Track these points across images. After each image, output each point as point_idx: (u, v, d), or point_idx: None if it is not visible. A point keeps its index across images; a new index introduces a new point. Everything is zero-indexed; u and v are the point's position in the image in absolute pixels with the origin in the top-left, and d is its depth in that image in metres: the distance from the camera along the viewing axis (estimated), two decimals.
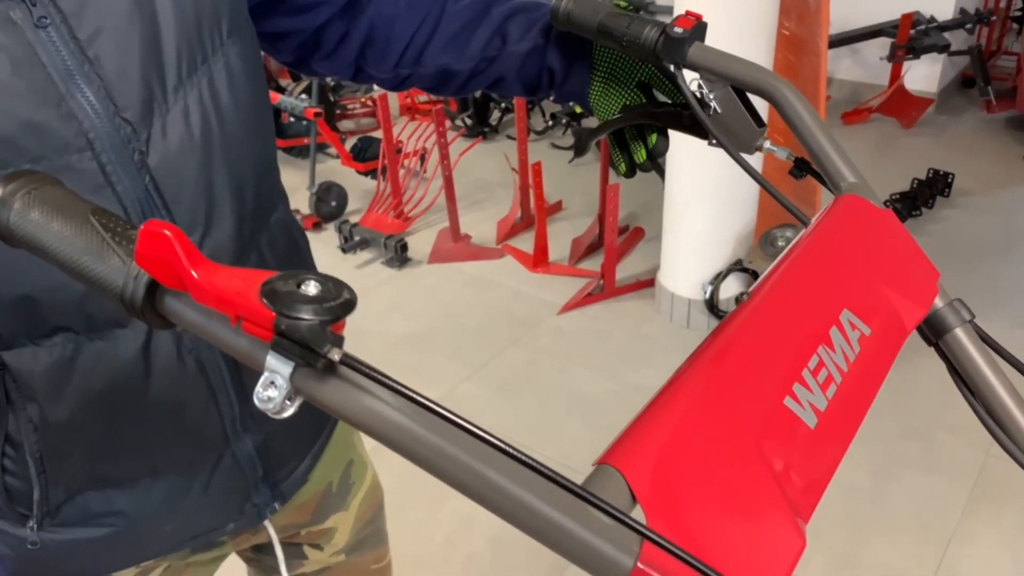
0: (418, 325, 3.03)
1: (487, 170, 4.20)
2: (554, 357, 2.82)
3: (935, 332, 0.68)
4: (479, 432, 0.37)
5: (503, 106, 4.62)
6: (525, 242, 3.47)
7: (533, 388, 2.66)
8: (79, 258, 0.42)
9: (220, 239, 0.74)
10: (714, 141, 0.80)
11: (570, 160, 4.26)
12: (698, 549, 0.39)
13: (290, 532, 0.99)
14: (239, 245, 0.77)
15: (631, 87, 0.86)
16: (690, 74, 0.79)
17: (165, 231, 0.36)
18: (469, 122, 4.57)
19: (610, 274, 3.09)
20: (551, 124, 4.57)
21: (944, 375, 0.68)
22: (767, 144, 0.80)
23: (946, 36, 4.38)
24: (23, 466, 0.75)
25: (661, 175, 2.91)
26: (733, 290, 2.82)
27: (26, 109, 0.62)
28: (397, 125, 3.84)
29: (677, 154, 2.72)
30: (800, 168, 0.78)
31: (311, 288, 0.37)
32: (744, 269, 2.79)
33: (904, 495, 2.20)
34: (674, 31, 0.76)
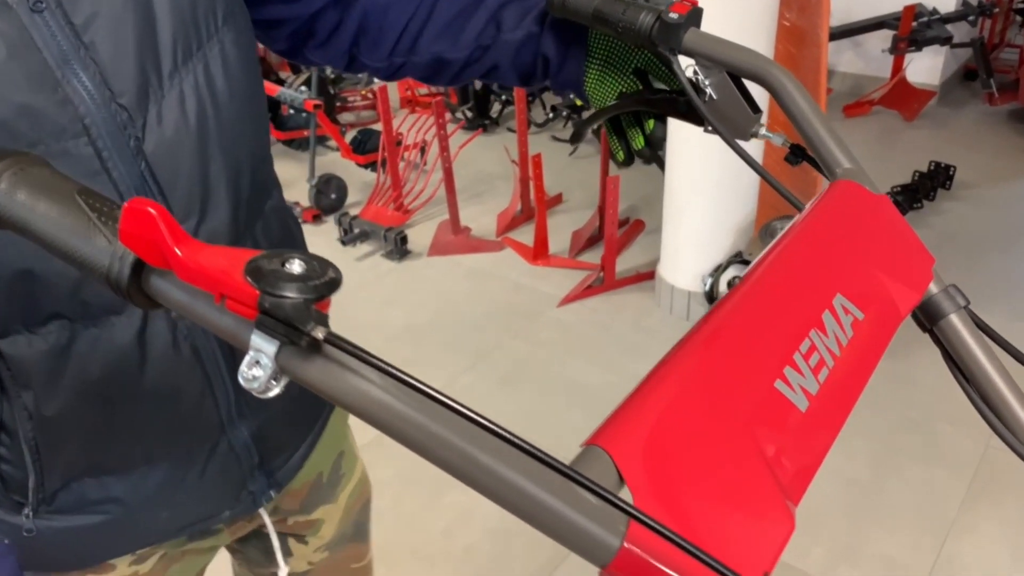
0: (418, 317, 3.03)
1: (487, 163, 4.20)
2: (554, 349, 2.82)
3: (930, 318, 0.67)
4: (466, 411, 0.37)
5: (504, 98, 4.61)
6: (525, 235, 3.47)
7: (533, 380, 2.66)
8: (65, 238, 0.42)
9: (215, 226, 0.74)
10: (710, 128, 0.80)
11: (570, 152, 4.26)
12: (686, 530, 0.39)
13: (278, 517, 0.99)
14: (234, 232, 0.77)
15: (627, 74, 0.86)
16: (687, 60, 0.78)
17: (149, 209, 0.36)
18: (470, 114, 4.56)
19: (610, 266, 3.08)
20: (552, 116, 4.56)
21: (944, 366, 0.68)
22: (763, 131, 0.79)
23: (948, 28, 4.37)
24: (18, 453, 0.75)
25: (661, 167, 2.90)
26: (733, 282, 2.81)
27: (22, 93, 0.61)
28: (397, 117, 3.84)
29: (677, 146, 2.72)
30: (796, 154, 0.78)
31: (296, 267, 0.37)
32: (744, 261, 2.78)
33: (903, 487, 2.20)
34: (670, 17, 0.75)
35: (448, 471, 0.38)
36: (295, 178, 4.00)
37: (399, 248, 3.36)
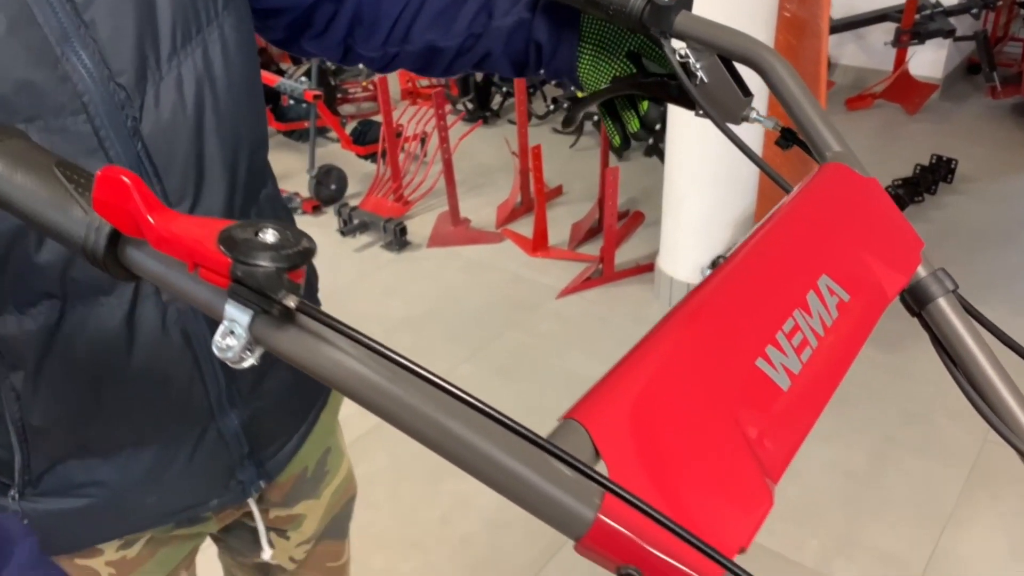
0: (417, 308, 3.03)
1: (488, 155, 4.19)
2: (552, 341, 2.82)
3: (918, 302, 0.67)
4: (440, 382, 0.37)
5: (505, 90, 4.60)
6: (525, 226, 3.47)
7: (531, 371, 2.67)
8: (42, 210, 0.42)
9: (210, 210, 0.75)
10: (701, 112, 0.80)
11: (571, 145, 4.25)
12: (661, 503, 0.39)
13: (262, 507, 0.98)
14: (228, 217, 0.77)
15: (621, 57, 0.86)
16: (679, 44, 0.78)
17: (122, 177, 0.36)
18: (470, 106, 4.56)
19: (609, 258, 3.08)
20: (552, 109, 4.55)
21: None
22: (754, 114, 0.79)
23: (952, 21, 4.35)
24: (4, 434, 0.75)
25: (661, 158, 2.90)
26: None
27: (21, 69, 0.62)
28: (397, 109, 3.83)
29: (677, 138, 2.71)
30: (786, 138, 0.78)
31: (269, 236, 0.36)
32: None
33: (901, 479, 2.20)
34: None
35: (421, 441, 0.38)
36: (295, 169, 4.00)
37: (398, 239, 3.36)
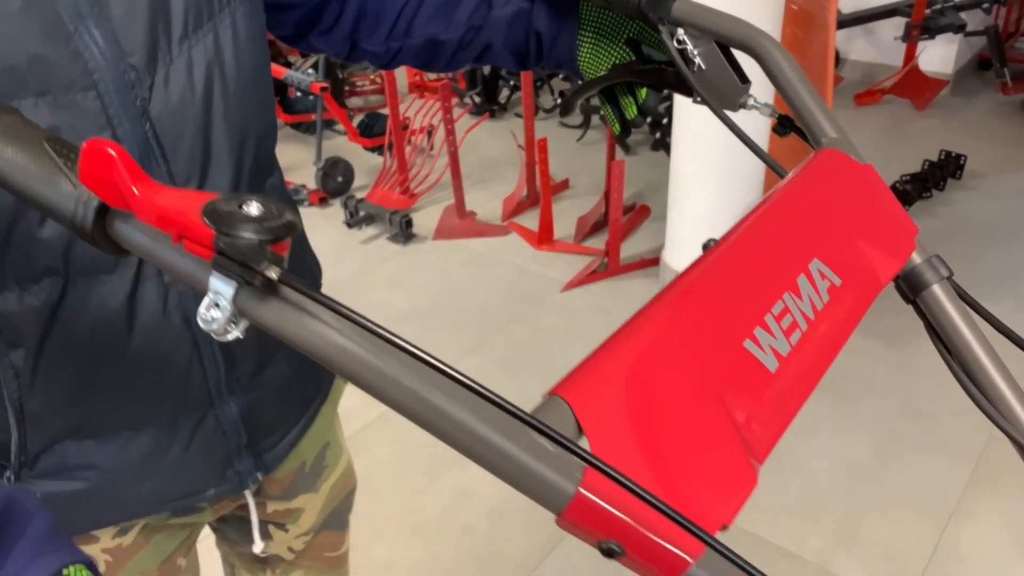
0: (421, 300, 3.04)
1: (495, 148, 4.19)
2: (557, 334, 2.82)
3: (912, 289, 0.67)
4: (423, 355, 0.37)
5: (512, 84, 4.59)
6: (531, 220, 3.47)
7: (535, 364, 2.67)
8: (32, 184, 0.42)
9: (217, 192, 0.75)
10: (698, 98, 0.80)
11: (578, 139, 4.25)
12: (643, 479, 0.39)
13: (259, 501, 0.98)
14: None
15: (620, 45, 0.86)
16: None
17: (108, 149, 0.36)
18: (478, 99, 4.55)
19: (614, 252, 3.08)
20: (560, 102, 4.55)
21: None
22: (751, 101, 0.79)
23: (962, 16, 4.31)
24: (2, 413, 0.76)
25: (668, 152, 2.89)
26: None
27: (35, 43, 0.62)
28: (405, 102, 3.83)
29: (683, 133, 2.71)
30: (783, 125, 0.77)
31: (253, 209, 0.37)
32: None
33: (904, 474, 2.20)
34: None
35: (404, 414, 0.38)
36: (302, 161, 4.01)
37: (404, 231, 3.37)
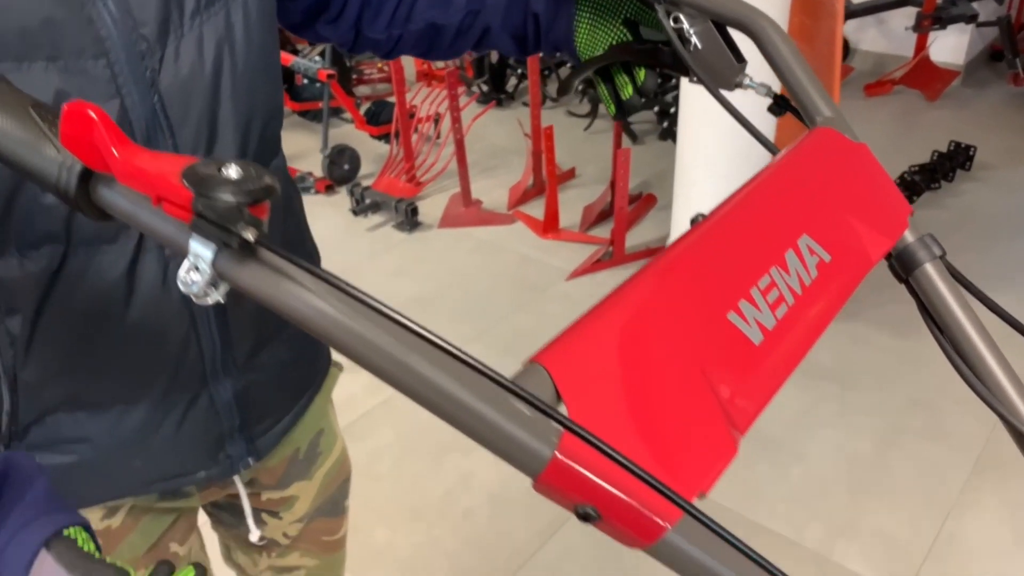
0: (426, 288, 3.04)
1: (502, 137, 4.19)
2: (561, 322, 2.74)
3: (905, 268, 0.67)
4: (401, 319, 0.37)
5: (519, 72, 4.58)
6: (537, 208, 3.46)
7: None
8: (17, 149, 0.42)
9: None
10: (695, 78, 0.79)
11: (585, 128, 4.24)
12: (621, 445, 0.39)
13: (253, 491, 0.99)
14: None
15: (617, 24, 0.86)
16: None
17: (89, 111, 0.37)
18: (485, 88, 4.55)
19: (620, 241, 3.07)
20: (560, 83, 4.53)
21: None
22: (747, 80, 0.79)
23: (974, 6, 4.27)
24: None
25: (675, 140, 2.88)
26: None
27: (48, 6, 0.63)
28: (412, 91, 3.83)
29: (689, 122, 2.69)
30: (779, 104, 0.77)
31: (232, 172, 0.37)
32: None
33: (907, 464, 2.19)
34: None
35: (381, 377, 0.38)
36: (309, 149, 4.01)
37: (409, 219, 3.37)
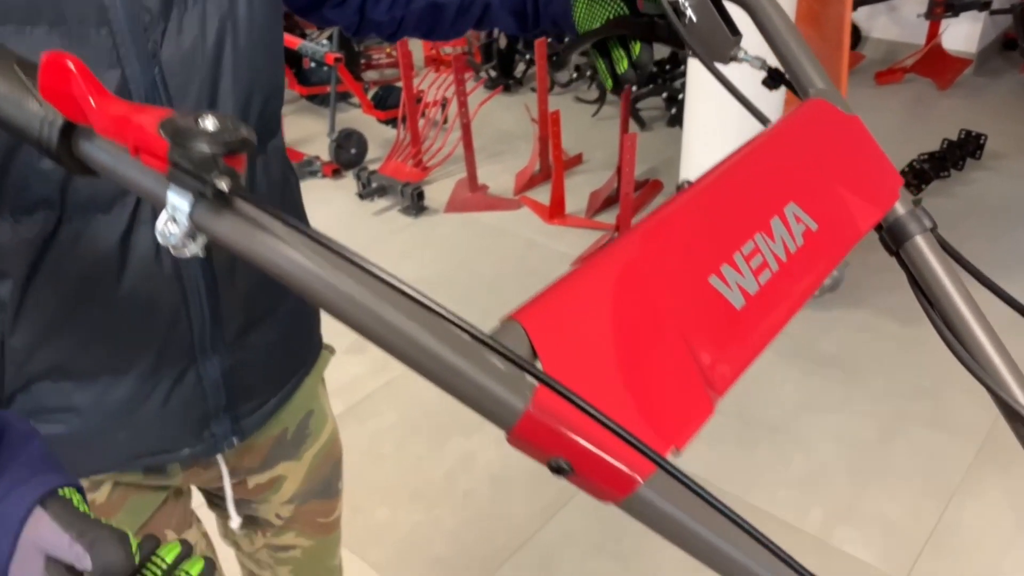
0: (431, 272, 3.05)
1: (509, 122, 4.18)
2: None
3: (895, 240, 0.67)
4: (376, 271, 0.38)
5: (528, 58, 4.57)
6: (543, 194, 3.46)
7: None
8: (1, 106, 0.43)
9: None
10: (690, 51, 0.79)
11: (593, 114, 4.22)
12: (595, 400, 0.39)
13: (240, 477, 0.99)
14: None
15: None
16: None
17: (67, 62, 0.37)
18: (493, 74, 4.54)
19: (625, 226, 3.07)
20: (576, 77, 4.52)
21: None
22: (742, 53, 0.78)
23: None
24: None
25: (682, 126, 2.87)
26: None
27: None
28: (420, 76, 3.83)
29: (695, 109, 2.69)
30: (773, 78, 0.77)
31: (209, 123, 0.37)
32: None
33: (910, 451, 2.19)
34: None
35: (357, 330, 0.39)
36: (316, 133, 4.02)
37: (415, 204, 3.37)
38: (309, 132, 4.06)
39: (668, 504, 0.41)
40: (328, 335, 1.05)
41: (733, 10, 0.78)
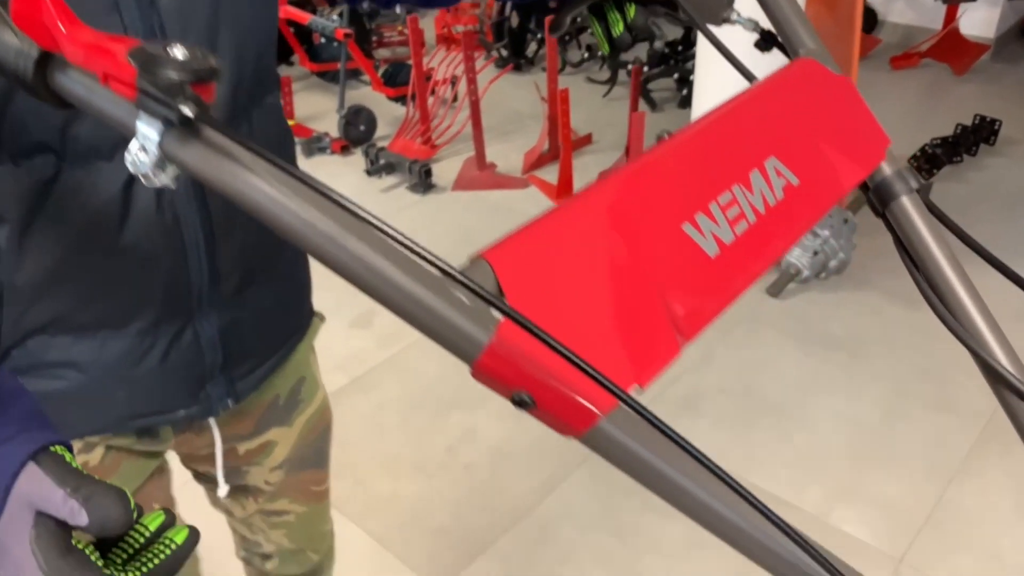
0: (437, 249, 2.88)
1: (519, 101, 4.17)
2: None
3: (881, 200, 0.67)
4: (346, 203, 0.38)
5: (539, 37, 4.55)
6: (551, 173, 3.45)
7: None
8: None
9: (216, 97, 0.76)
10: (684, 14, 0.79)
11: (604, 94, 4.21)
12: (559, 335, 0.39)
13: (230, 444, 1.00)
14: (232, 111, 0.78)
15: None
16: None
17: None
18: (504, 53, 4.52)
19: None
20: (587, 57, 4.50)
21: None
22: (735, 16, 0.78)
23: None
24: None
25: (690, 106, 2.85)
26: None
27: None
28: (430, 54, 3.82)
29: (703, 89, 2.67)
30: (765, 40, 0.77)
31: (178, 53, 0.38)
32: None
33: (911, 432, 2.18)
34: None
35: (322, 261, 0.39)
36: (326, 109, 4.02)
37: (423, 181, 3.37)
38: (319, 108, 4.06)
39: (629, 439, 0.41)
40: (332, 307, 1.06)
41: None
